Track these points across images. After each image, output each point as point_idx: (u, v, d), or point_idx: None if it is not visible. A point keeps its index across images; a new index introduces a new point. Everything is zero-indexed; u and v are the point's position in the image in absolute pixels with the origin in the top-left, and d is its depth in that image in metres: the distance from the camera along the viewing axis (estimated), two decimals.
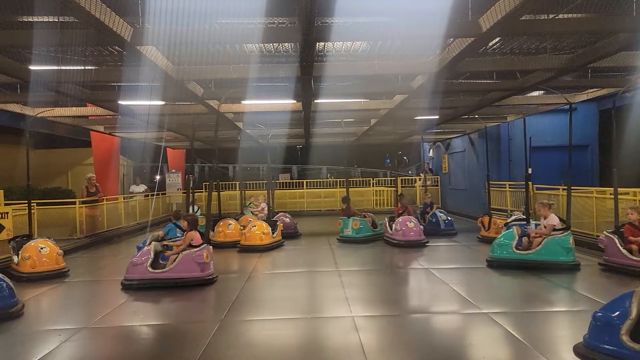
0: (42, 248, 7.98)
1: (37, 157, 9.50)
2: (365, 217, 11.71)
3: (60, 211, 11.67)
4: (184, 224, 7.51)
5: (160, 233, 8.20)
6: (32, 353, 4.55)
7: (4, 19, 6.18)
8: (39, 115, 10.76)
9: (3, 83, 8.43)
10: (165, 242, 7.59)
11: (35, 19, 6.05)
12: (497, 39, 7.32)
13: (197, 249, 7.17)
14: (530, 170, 9.99)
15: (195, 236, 7.30)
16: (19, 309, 5.80)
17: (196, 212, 15.21)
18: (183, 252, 7.08)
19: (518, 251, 7.72)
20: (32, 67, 7.45)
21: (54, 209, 11.57)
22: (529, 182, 10.08)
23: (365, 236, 11.10)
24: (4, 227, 8.70)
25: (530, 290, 6.67)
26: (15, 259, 8.00)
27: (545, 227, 7.78)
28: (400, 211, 11.40)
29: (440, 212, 12.48)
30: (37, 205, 10.31)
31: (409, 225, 10.34)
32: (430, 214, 12.40)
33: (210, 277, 7.22)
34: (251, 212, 13.42)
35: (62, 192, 14.06)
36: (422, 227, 10.78)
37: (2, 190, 9.60)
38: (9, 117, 12.54)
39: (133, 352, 4.74)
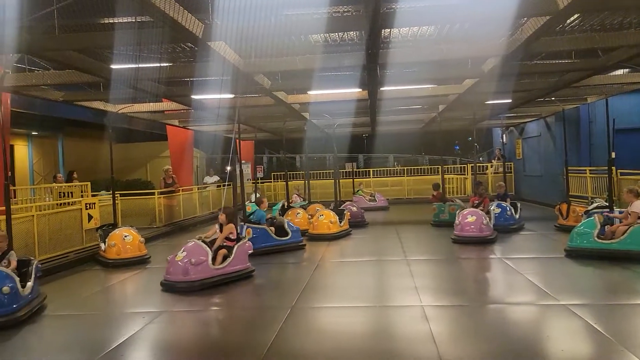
0: (126, 236, 8.52)
1: (118, 151, 10.16)
2: (453, 202, 12.12)
3: (141, 201, 12.41)
4: (222, 217, 7.21)
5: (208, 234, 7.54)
6: (121, 333, 4.90)
7: (87, 22, 6.61)
8: (120, 111, 11.43)
9: (87, 82, 9.01)
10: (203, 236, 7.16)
11: (115, 20, 6.42)
12: (575, 16, 6.88)
13: (245, 240, 7.18)
14: (613, 155, 9.36)
15: (233, 229, 7.16)
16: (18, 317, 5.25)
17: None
18: (237, 245, 7.00)
19: (600, 240, 7.29)
20: (113, 66, 7.91)
21: (136, 200, 12.31)
22: (613, 167, 9.45)
23: None
24: (92, 217, 9.38)
25: (614, 281, 6.30)
26: (103, 246, 8.60)
27: (630, 214, 7.30)
28: (477, 201, 10.21)
29: (500, 205, 10.66)
30: (120, 196, 11.00)
31: (468, 219, 9.20)
32: (488, 205, 10.41)
33: (253, 269, 7.19)
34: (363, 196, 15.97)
35: (142, 183, 14.92)
36: (487, 221, 9.29)
37: (89, 182, 10.34)
38: (93, 114, 13.41)
39: (210, 335, 4.99)
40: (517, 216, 10.89)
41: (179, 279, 6.43)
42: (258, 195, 14.77)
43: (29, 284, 5.61)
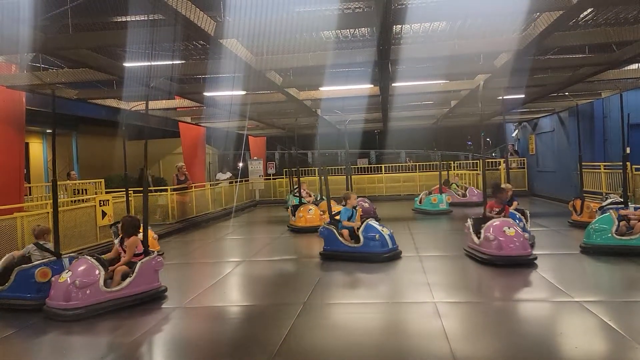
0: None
1: (131, 148, 10.26)
2: None
3: (154, 198, 12.51)
4: (120, 229, 6.35)
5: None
6: (137, 328, 5.00)
7: (100, 21, 6.69)
8: (133, 108, 11.53)
9: (101, 80, 9.11)
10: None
11: (128, 18, 6.48)
12: (589, 10, 6.81)
13: (153, 255, 6.01)
14: (628, 150, 9.26)
15: (138, 243, 6.08)
16: None
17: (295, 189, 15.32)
18: (142, 261, 5.84)
19: (618, 237, 7.20)
20: (126, 64, 7.99)
21: (149, 196, 12.41)
22: (627, 163, 9.35)
23: None
24: (106, 214, 9.49)
25: (630, 277, 6.24)
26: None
27: None
28: (497, 209, 7.80)
29: (511, 214, 8.12)
30: (133, 193, 11.10)
31: (507, 233, 6.91)
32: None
33: (164, 289, 6.08)
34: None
35: (155, 180, 15.03)
36: (526, 234, 7.33)
37: (103, 179, 10.46)
38: (107, 112, 13.54)
39: (223, 331, 5.03)
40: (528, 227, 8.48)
41: (60, 305, 5.27)
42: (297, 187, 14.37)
43: None
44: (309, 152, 27.30)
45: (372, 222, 7.89)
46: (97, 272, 5.49)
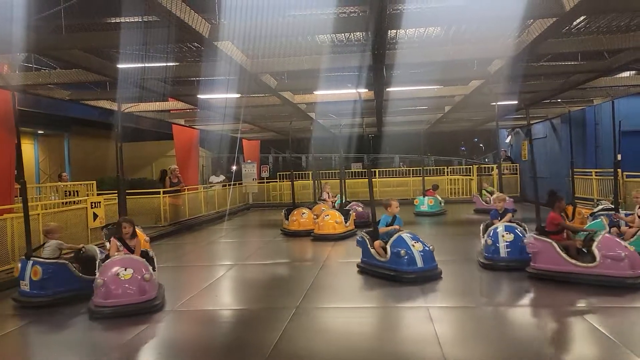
0: None
1: (124, 150, 10.21)
2: None
3: (146, 200, 12.45)
4: (129, 229, 6.27)
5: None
6: (128, 331, 4.94)
7: (94, 21, 6.65)
8: (126, 110, 11.47)
9: (94, 81, 9.06)
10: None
11: (122, 20, 6.45)
12: (582, 18, 6.86)
13: (152, 253, 6.46)
14: (619, 157, 9.33)
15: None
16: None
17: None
18: (153, 257, 6.34)
19: None
20: (119, 65, 7.95)
21: (141, 199, 12.35)
22: (618, 169, 9.42)
23: None
24: (97, 216, 9.42)
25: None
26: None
27: (638, 216, 7.26)
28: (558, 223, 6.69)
29: (511, 228, 7.32)
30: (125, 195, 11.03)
31: (629, 248, 6.03)
32: (491, 229, 7.43)
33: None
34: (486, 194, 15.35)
35: (147, 182, 14.96)
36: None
37: (95, 181, 10.39)
38: (100, 113, 13.47)
39: (215, 334, 4.99)
40: None
41: (136, 300, 5.42)
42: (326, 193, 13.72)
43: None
44: (303, 155, 27.32)
45: (405, 234, 6.83)
46: (147, 264, 5.83)
